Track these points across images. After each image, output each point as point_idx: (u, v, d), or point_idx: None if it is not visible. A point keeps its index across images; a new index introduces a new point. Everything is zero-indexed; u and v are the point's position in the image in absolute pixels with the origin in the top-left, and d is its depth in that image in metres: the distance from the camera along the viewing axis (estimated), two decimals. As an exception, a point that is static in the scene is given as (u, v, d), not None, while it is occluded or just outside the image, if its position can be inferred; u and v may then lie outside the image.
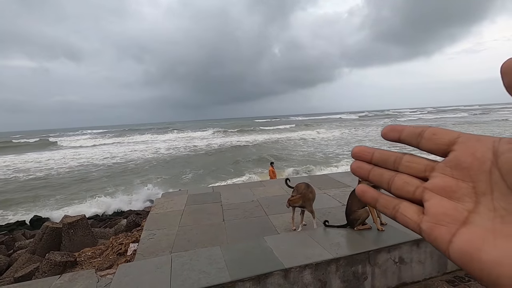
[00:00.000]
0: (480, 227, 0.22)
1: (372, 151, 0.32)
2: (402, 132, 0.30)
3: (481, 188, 0.23)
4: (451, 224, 0.24)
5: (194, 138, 46.67)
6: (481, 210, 0.23)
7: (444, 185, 0.26)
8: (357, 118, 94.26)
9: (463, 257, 0.22)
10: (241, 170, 19.50)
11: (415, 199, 0.28)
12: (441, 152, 0.27)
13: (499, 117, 56.94)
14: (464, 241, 0.22)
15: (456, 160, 0.25)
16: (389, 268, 3.33)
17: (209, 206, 5.74)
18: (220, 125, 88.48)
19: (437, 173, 0.27)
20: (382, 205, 0.31)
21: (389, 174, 0.31)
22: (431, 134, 0.28)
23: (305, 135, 41.54)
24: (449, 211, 0.24)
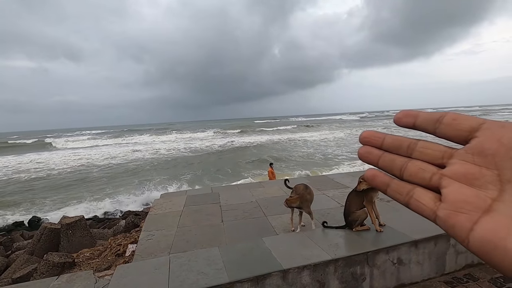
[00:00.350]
0: (505, 216, 0.21)
1: (383, 136, 0.31)
2: (417, 118, 0.28)
3: (506, 176, 0.22)
4: (473, 212, 0.23)
5: (194, 139, 46.64)
6: (507, 198, 0.22)
7: (466, 172, 0.24)
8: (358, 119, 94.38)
9: (485, 245, 0.21)
10: (241, 171, 19.51)
11: (431, 186, 0.27)
12: (462, 139, 0.26)
13: (501, 118, 57.07)
14: (488, 229, 0.21)
15: (480, 147, 0.24)
16: (387, 269, 3.33)
17: (208, 207, 5.74)
18: (220, 126, 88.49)
19: (456, 159, 0.26)
20: (394, 191, 0.29)
21: (402, 160, 0.29)
22: (451, 120, 0.26)
23: (305, 136, 41.56)
24: (470, 199, 0.23)
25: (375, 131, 0.32)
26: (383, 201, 5.26)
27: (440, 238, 3.48)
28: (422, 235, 3.44)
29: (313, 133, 46.79)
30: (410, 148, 0.29)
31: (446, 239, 3.52)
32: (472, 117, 0.26)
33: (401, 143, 0.29)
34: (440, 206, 0.25)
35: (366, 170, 0.32)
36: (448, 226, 0.24)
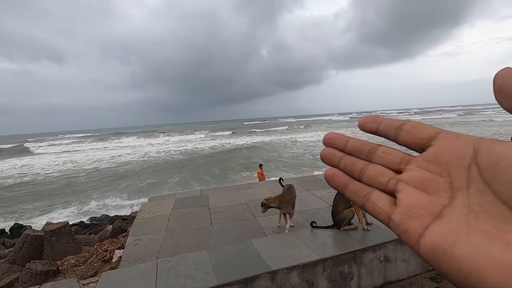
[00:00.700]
0: (454, 222, 0.22)
1: (346, 138, 0.31)
2: (380, 124, 0.29)
3: (457, 184, 0.23)
4: (425, 217, 0.23)
5: (182, 141, 46.19)
6: (456, 205, 0.23)
7: (421, 178, 0.25)
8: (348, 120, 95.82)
9: (434, 251, 0.21)
10: (229, 173, 19.45)
11: (388, 190, 0.27)
12: (419, 146, 0.27)
13: (485, 117, 59.08)
14: (437, 234, 0.22)
15: (436, 155, 0.25)
16: (374, 267, 3.38)
17: (197, 210, 5.69)
18: (209, 128, 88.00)
19: (413, 166, 0.26)
20: (352, 192, 0.30)
21: (362, 164, 0.30)
22: (411, 128, 0.27)
23: (294, 137, 41.83)
24: (423, 204, 0.24)
25: (339, 134, 0.32)
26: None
27: (425, 235, 3.57)
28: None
29: (302, 134, 47.18)
30: (371, 152, 0.30)
31: (431, 236, 3.61)
32: (430, 126, 0.27)
33: (363, 147, 0.30)
34: (394, 210, 0.25)
35: (327, 169, 0.32)
36: (401, 231, 0.24)
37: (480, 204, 0.21)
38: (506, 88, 0.22)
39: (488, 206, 0.21)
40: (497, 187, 0.21)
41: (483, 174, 0.22)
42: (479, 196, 0.22)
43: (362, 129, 0.31)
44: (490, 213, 0.21)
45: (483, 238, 0.20)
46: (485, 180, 0.21)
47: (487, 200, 0.21)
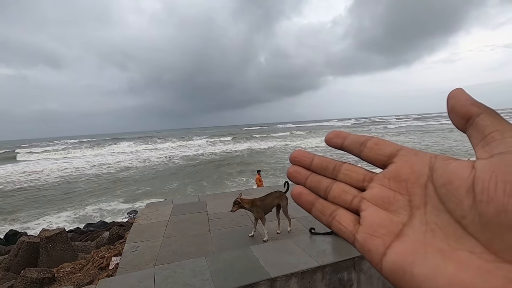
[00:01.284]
0: (413, 241, 0.22)
1: (311, 156, 0.31)
2: (345, 139, 0.30)
3: (415, 202, 0.23)
4: (386, 236, 0.23)
5: (180, 147, 46.12)
6: (414, 224, 0.23)
7: (382, 196, 0.25)
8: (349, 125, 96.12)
9: (395, 270, 0.21)
10: (227, 179, 19.39)
11: (352, 208, 0.28)
12: (381, 163, 0.27)
13: None
14: (398, 254, 0.22)
15: (395, 172, 0.25)
16: (374, 274, 3.36)
17: (195, 216, 5.66)
18: (207, 134, 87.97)
19: (375, 183, 0.27)
20: (318, 210, 0.29)
21: (327, 182, 0.30)
22: (373, 144, 0.28)
23: (293, 143, 41.89)
24: (385, 223, 0.24)
25: (305, 151, 0.32)
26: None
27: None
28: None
29: (301, 139, 47.28)
30: (336, 170, 0.30)
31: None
32: (392, 143, 0.27)
33: (328, 164, 0.31)
34: (359, 229, 0.25)
35: (293, 187, 0.32)
36: (365, 250, 0.24)
37: (436, 222, 0.22)
38: (456, 109, 0.23)
39: (443, 224, 0.21)
40: (450, 206, 0.21)
41: (438, 192, 0.22)
42: (435, 214, 0.22)
43: (328, 144, 0.31)
44: (445, 231, 0.21)
45: (439, 257, 0.20)
46: (440, 198, 0.22)
47: (443, 218, 0.21)
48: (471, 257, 0.19)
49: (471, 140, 0.22)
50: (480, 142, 0.21)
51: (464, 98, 0.23)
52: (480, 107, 0.22)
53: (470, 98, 0.23)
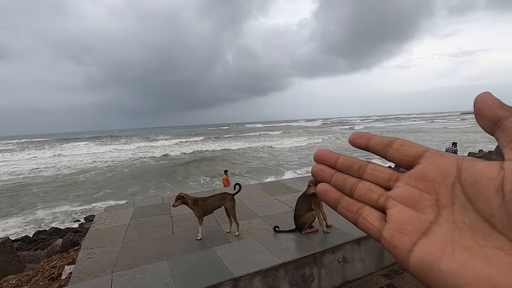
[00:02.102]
0: (440, 238, 0.23)
1: (336, 156, 0.32)
2: (370, 140, 0.30)
3: (443, 201, 0.24)
4: (413, 234, 0.24)
5: (145, 147, 44.20)
6: (442, 222, 0.23)
7: (409, 195, 0.26)
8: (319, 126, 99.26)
9: (422, 266, 0.22)
10: (193, 179, 19.01)
11: (378, 206, 0.28)
12: (407, 164, 0.28)
13: (440, 125, 65.16)
14: (425, 250, 0.23)
15: (422, 172, 0.26)
16: (334, 268, 3.51)
17: (158, 218, 5.45)
18: (173, 133, 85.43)
19: (401, 183, 0.27)
20: (344, 207, 0.30)
21: (353, 180, 0.30)
22: (399, 145, 0.28)
23: (260, 143, 42.29)
24: (412, 221, 0.25)
25: (329, 151, 0.33)
26: (331, 203, 5.58)
27: (379, 235, 3.80)
28: (363, 233, 3.71)
29: (269, 139, 47.89)
30: (361, 169, 0.31)
31: (384, 235, 3.85)
32: (418, 145, 0.28)
33: (353, 164, 0.31)
34: (385, 226, 0.26)
35: (319, 184, 0.32)
36: (391, 246, 0.25)
37: (464, 221, 0.22)
38: (484, 112, 0.23)
39: (471, 223, 0.22)
40: (478, 205, 0.22)
41: (466, 192, 0.23)
42: (463, 213, 0.23)
43: (352, 145, 0.32)
44: (473, 229, 0.22)
45: (467, 254, 0.21)
46: (468, 198, 0.23)
47: (470, 217, 0.22)
48: (500, 253, 0.20)
49: (500, 142, 0.22)
50: (509, 144, 0.21)
51: (491, 101, 0.23)
52: (508, 110, 0.22)
53: (497, 101, 0.23)
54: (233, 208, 4.40)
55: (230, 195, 4.42)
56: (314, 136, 50.20)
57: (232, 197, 4.41)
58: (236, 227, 4.51)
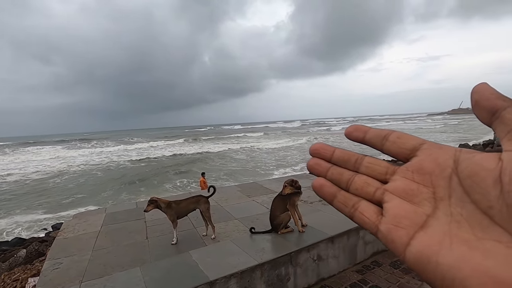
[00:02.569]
0: (438, 231, 0.22)
1: (332, 149, 0.32)
2: (367, 133, 0.30)
3: (440, 194, 0.24)
4: (410, 227, 0.24)
5: (120, 150, 42.55)
6: (439, 215, 0.23)
7: (405, 188, 0.26)
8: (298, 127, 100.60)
9: (420, 260, 0.22)
10: (169, 183, 18.59)
11: (374, 200, 0.28)
12: (404, 156, 0.28)
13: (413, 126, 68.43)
14: (422, 244, 0.22)
15: (419, 165, 0.26)
16: (309, 267, 3.59)
17: (131, 224, 5.27)
18: (149, 135, 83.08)
19: (398, 176, 0.27)
20: (340, 202, 0.30)
21: (349, 174, 0.30)
22: (396, 138, 0.28)
23: (239, 145, 42.22)
24: (409, 214, 0.24)
25: (325, 144, 0.32)
26: (307, 203, 5.68)
27: (352, 232, 3.93)
28: (337, 231, 3.82)
29: (248, 141, 47.91)
30: (357, 163, 0.30)
31: (356, 233, 3.99)
32: (415, 137, 0.28)
33: (349, 157, 0.31)
34: (382, 220, 0.26)
35: (315, 179, 0.32)
36: (388, 240, 0.25)
37: (461, 214, 0.22)
38: (481, 103, 0.23)
39: (468, 215, 0.22)
40: (476, 197, 0.22)
41: (463, 184, 0.23)
42: (460, 205, 0.22)
43: (348, 138, 0.31)
44: (470, 222, 0.22)
45: (465, 246, 0.21)
46: (465, 190, 0.22)
47: (468, 209, 0.22)
48: (498, 246, 0.19)
49: (497, 133, 0.22)
50: (507, 135, 0.21)
51: (488, 92, 0.23)
52: (506, 101, 0.22)
53: (495, 92, 0.23)
54: (208, 210, 4.35)
55: (205, 198, 4.37)
56: (293, 137, 50.96)
57: (206, 200, 4.36)
58: (212, 230, 4.46)
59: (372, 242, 4.18)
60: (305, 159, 26.16)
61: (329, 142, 38.86)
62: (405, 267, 3.87)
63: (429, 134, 42.72)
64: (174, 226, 4.25)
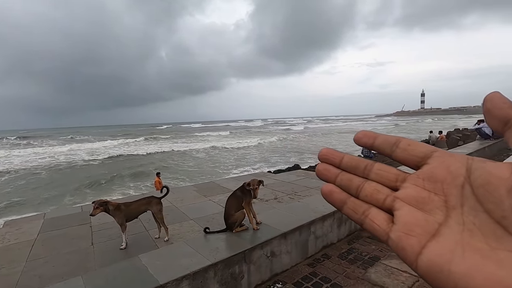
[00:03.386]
0: (450, 240, 0.22)
1: (341, 155, 0.31)
2: (376, 139, 0.30)
3: (452, 202, 0.24)
4: (422, 235, 0.23)
5: (63, 150, 38.79)
6: (451, 224, 0.23)
7: (417, 196, 0.25)
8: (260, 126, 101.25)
9: (432, 268, 0.22)
10: (121, 184, 17.51)
11: (385, 207, 0.28)
12: (414, 164, 0.27)
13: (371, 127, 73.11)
14: (434, 253, 0.22)
15: (430, 173, 0.26)
16: (262, 263, 3.65)
17: (75, 230, 4.85)
18: (101, 133, 77.22)
19: (409, 183, 0.27)
20: (350, 209, 0.29)
21: (359, 180, 0.30)
22: (406, 145, 0.28)
23: (198, 144, 41.38)
24: (420, 222, 0.24)
25: (333, 150, 0.32)
26: (262, 201, 5.79)
27: (303, 228, 4.09)
28: (289, 227, 3.96)
29: (208, 140, 47.15)
30: (367, 169, 0.30)
31: (308, 228, 4.17)
32: (425, 145, 0.28)
33: (359, 163, 0.30)
34: (392, 228, 0.26)
35: (323, 185, 0.31)
36: (399, 248, 0.25)
37: (474, 223, 0.22)
38: (494, 112, 0.23)
39: (481, 224, 0.21)
40: (489, 206, 0.21)
41: (476, 193, 0.22)
42: (472, 214, 0.22)
43: (357, 143, 0.31)
44: (484, 231, 0.21)
45: (478, 256, 0.20)
46: (478, 198, 0.22)
47: (481, 218, 0.22)
48: None
49: (510, 142, 0.22)
50: None
51: (501, 101, 0.23)
52: None
53: (507, 101, 0.23)
54: (160, 212, 4.20)
55: (157, 199, 4.21)
56: (252, 136, 51.41)
57: (158, 201, 4.20)
58: (165, 232, 4.31)
59: (322, 236, 4.40)
60: (264, 158, 26.59)
61: (287, 141, 39.82)
62: (351, 258, 4.16)
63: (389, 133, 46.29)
64: (123, 230, 4.03)
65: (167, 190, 4.32)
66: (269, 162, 23.60)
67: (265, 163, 23.43)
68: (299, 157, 25.22)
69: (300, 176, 8.08)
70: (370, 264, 3.94)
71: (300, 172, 9.00)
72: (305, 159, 23.77)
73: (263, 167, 20.82)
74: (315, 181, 7.12)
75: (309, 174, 8.36)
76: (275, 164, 22.13)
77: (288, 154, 27.91)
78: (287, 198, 5.98)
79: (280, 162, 22.73)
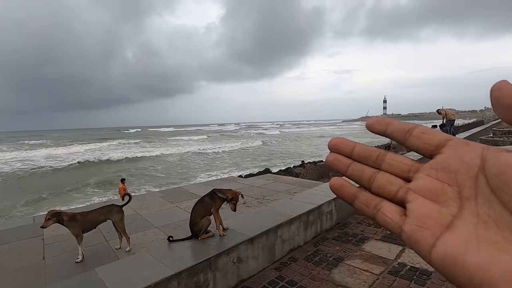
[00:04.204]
0: (464, 232, 0.22)
1: (353, 144, 0.30)
2: (389, 126, 0.29)
3: (466, 193, 0.23)
4: (435, 228, 0.23)
5: (16, 156, 35.58)
6: (465, 215, 0.22)
7: (430, 187, 0.25)
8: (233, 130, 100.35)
9: (446, 261, 0.21)
10: (82, 191, 16.45)
11: (397, 199, 0.27)
12: (428, 152, 0.26)
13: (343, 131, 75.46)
14: (448, 245, 0.22)
15: (444, 163, 0.25)
16: (229, 270, 3.61)
17: (24, 243, 4.45)
18: (59, 138, 71.99)
19: (422, 174, 0.26)
20: (362, 203, 0.28)
21: (371, 171, 0.29)
22: (420, 133, 0.27)
23: (164, 149, 40.20)
24: (434, 214, 0.24)
25: (345, 139, 0.31)
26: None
27: (270, 232, 4.12)
28: (256, 232, 3.96)
29: (177, 144, 45.94)
30: (379, 159, 0.29)
31: (275, 232, 4.20)
32: (440, 133, 0.27)
33: (371, 153, 0.29)
34: (406, 221, 0.25)
35: (332, 179, 0.30)
36: (413, 242, 0.24)
37: (488, 214, 0.21)
38: (502, 100, 0.22)
39: (496, 216, 0.21)
40: (504, 197, 0.21)
41: (490, 184, 0.22)
42: (487, 206, 0.22)
43: (369, 130, 0.30)
44: (499, 223, 0.21)
45: (493, 248, 0.20)
46: (493, 189, 0.21)
47: (495, 210, 0.21)
48: None
49: None
50: None
51: (510, 89, 0.22)
52: None
53: None
54: (122, 221, 3.99)
55: (118, 207, 4.00)
56: (224, 140, 51.03)
57: (119, 209, 4.00)
58: (126, 241, 4.11)
59: (289, 239, 4.46)
60: (235, 162, 26.51)
61: (275, 147, 40.01)
62: (317, 259, 4.26)
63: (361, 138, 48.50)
64: (79, 242, 3.76)
65: (129, 198, 4.14)
66: (240, 167, 23.58)
67: (236, 167, 23.38)
68: (270, 162, 25.49)
69: (269, 180, 8.15)
70: (335, 265, 4.06)
71: (269, 176, 9.09)
72: (276, 163, 24.09)
73: (234, 171, 20.75)
74: (283, 185, 7.23)
75: (278, 178, 8.47)
76: (246, 168, 22.17)
77: (259, 158, 28.11)
78: (255, 203, 5.99)
79: (251, 167, 22.82)
